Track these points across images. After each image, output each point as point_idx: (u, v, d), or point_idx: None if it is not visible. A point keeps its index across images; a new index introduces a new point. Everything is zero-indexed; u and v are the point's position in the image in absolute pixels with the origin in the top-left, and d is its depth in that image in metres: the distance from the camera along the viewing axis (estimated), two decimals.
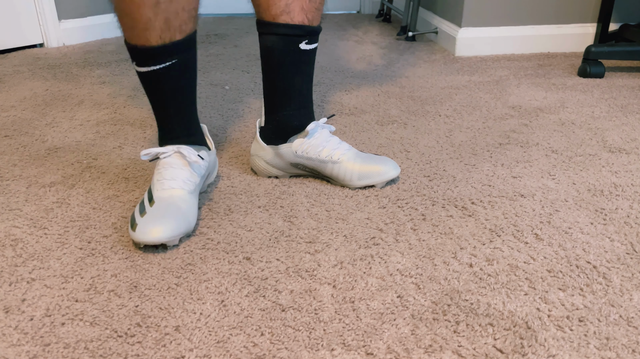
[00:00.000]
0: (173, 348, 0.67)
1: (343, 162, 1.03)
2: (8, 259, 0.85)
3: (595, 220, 0.94)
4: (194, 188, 0.94)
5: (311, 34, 1.00)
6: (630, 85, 1.66)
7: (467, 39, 2.00)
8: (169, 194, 0.90)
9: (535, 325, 0.70)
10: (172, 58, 0.90)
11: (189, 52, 0.92)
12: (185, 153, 0.93)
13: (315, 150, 1.04)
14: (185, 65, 0.93)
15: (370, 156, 1.05)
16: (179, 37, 0.89)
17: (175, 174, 0.92)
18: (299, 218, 0.95)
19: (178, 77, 0.93)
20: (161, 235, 0.83)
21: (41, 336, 0.69)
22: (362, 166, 1.03)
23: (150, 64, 0.90)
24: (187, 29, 0.90)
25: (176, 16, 0.86)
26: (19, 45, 2.13)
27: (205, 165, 0.98)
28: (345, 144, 1.06)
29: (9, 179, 1.11)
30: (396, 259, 0.84)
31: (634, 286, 0.77)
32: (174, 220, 0.85)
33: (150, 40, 0.87)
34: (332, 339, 0.68)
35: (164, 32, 0.86)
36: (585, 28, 2.04)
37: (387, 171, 1.03)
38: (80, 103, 1.53)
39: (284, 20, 0.97)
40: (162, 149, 0.94)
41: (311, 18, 0.99)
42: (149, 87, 0.94)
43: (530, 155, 1.19)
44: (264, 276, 0.80)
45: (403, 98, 1.56)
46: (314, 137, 1.04)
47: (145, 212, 0.87)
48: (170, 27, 0.87)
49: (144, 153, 0.94)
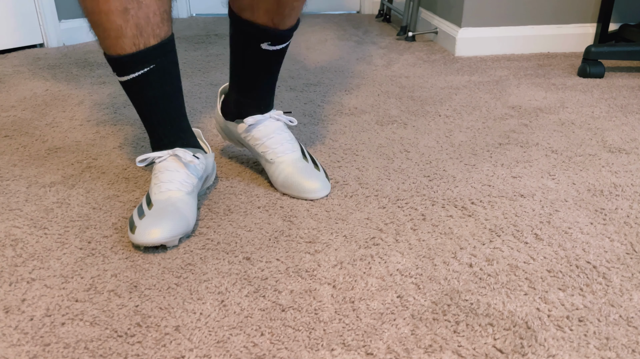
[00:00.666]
0: (173, 348, 0.67)
1: (275, 164, 1.02)
2: (8, 259, 0.85)
3: (595, 220, 0.94)
4: (192, 189, 0.94)
5: (275, 37, 0.96)
6: (630, 85, 1.66)
7: (467, 39, 2.00)
8: (166, 196, 0.90)
9: (535, 325, 0.70)
10: (149, 64, 0.88)
11: (167, 57, 0.91)
12: (181, 154, 0.93)
13: (254, 142, 1.04)
14: (164, 70, 0.91)
15: (307, 169, 1.02)
16: (153, 41, 0.87)
17: (172, 177, 0.92)
18: (299, 218, 0.95)
19: (159, 83, 0.91)
20: (160, 236, 0.83)
21: (41, 336, 0.69)
22: (289, 176, 1.00)
23: (128, 72, 0.88)
24: (162, 32, 0.88)
25: (147, 21, 0.85)
26: (19, 45, 2.13)
27: (202, 166, 0.98)
28: (291, 146, 1.04)
29: (9, 179, 1.11)
30: (396, 259, 0.84)
31: (634, 286, 0.77)
32: (173, 221, 0.85)
33: (124, 48, 0.86)
34: (332, 339, 0.68)
35: (137, 38, 0.85)
36: (585, 28, 2.04)
37: (310, 190, 0.99)
38: (80, 103, 1.53)
39: (246, 17, 0.94)
40: (157, 154, 0.94)
41: (277, 22, 0.94)
42: (133, 96, 0.93)
43: (530, 155, 1.19)
44: (264, 276, 0.80)
45: (403, 98, 1.56)
46: (256, 129, 1.04)
47: (144, 215, 0.87)
48: (142, 32, 0.85)
49: (139, 159, 0.94)
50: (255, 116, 1.03)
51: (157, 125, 0.96)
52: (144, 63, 0.88)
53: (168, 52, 0.91)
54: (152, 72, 0.89)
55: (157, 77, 0.90)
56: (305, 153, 1.06)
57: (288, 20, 0.95)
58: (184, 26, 2.61)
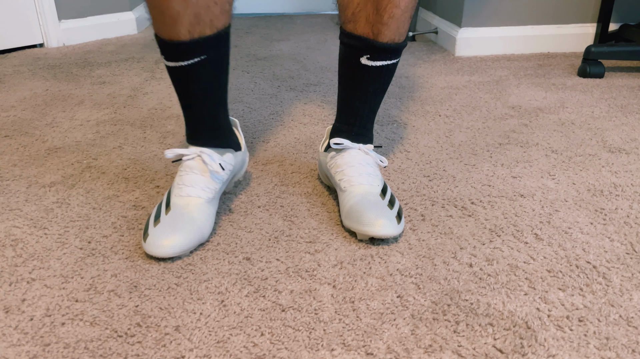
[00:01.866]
0: (173, 348, 0.67)
1: (346, 192, 0.93)
2: (8, 259, 0.85)
3: (595, 220, 0.94)
4: (213, 195, 0.91)
5: (374, 50, 0.90)
6: (630, 85, 1.66)
7: (467, 39, 2.00)
8: (185, 202, 0.88)
9: (535, 325, 0.70)
10: (201, 54, 0.85)
11: (221, 49, 0.87)
12: (207, 160, 0.90)
13: (335, 169, 0.97)
14: (216, 62, 0.88)
15: (377, 203, 0.89)
16: (209, 32, 0.83)
17: (195, 180, 0.90)
18: (299, 218, 0.95)
19: (207, 75, 0.88)
20: (170, 251, 0.82)
21: (41, 336, 0.69)
22: (354, 205, 0.90)
23: (178, 59, 0.85)
24: (219, 24, 0.84)
25: (207, 10, 0.81)
26: (19, 45, 2.13)
27: (228, 170, 0.95)
28: (371, 179, 0.94)
29: (9, 179, 1.11)
30: (396, 259, 0.84)
31: (634, 286, 0.77)
32: (186, 233, 0.84)
33: (179, 35, 0.82)
34: (332, 339, 0.68)
35: (194, 26, 0.82)
36: (585, 28, 2.04)
37: (369, 223, 0.85)
38: (80, 103, 1.53)
39: (349, 29, 0.91)
40: (185, 151, 0.92)
41: (376, 32, 0.89)
42: (177, 83, 0.90)
43: (530, 155, 1.19)
44: (264, 276, 0.80)
45: (403, 98, 1.56)
46: (340, 156, 0.97)
47: (159, 221, 0.85)
48: (200, 21, 0.82)
49: (168, 151, 0.91)
50: (342, 139, 0.97)
51: (195, 118, 0.92)
52: (196, 53, 0.84)
53: (223, 44, 0.87)
54: (202, 63, 0.86)
55: (207, 68, 0.87)
56: (386, 192, 0.94)
57: (387, 31, 0.89)
58: None
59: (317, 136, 1.30)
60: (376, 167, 0.98)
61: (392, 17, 0.88)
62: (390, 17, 0.88)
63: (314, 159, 1.18)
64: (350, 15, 0.90)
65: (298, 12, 2.96)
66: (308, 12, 2.99)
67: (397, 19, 0.88)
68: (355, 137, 0.99)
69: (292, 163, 1.16)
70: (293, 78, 1.75)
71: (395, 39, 0.90)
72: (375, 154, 0.98)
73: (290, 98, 1.57)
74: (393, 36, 0.90)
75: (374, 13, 0.88)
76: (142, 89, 1.65)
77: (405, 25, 0.91)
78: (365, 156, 0.97)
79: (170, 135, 1.31)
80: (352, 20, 0.90)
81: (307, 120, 1.40)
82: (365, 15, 0.88)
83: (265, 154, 1.21)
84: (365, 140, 1.00)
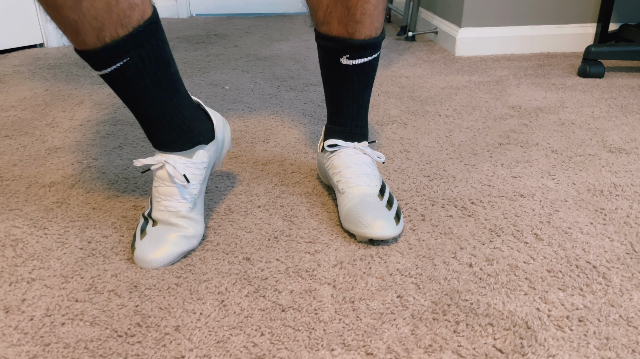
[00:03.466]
0: (173, 348, 0.67)
1: (344, 194, 0.93)
2: (8, 259, 0.85)
3: (595, 220, 0.94)
4: (193, 202, 0.88)
5: (352, 49, 0.89)
6: (630, 85, 1.66)
7: (467, 39, 2.00)
8: (166, 216, 0.86)
9: (535, 325, 0.70)
10: (121, 57, 0.76)
11: (144, 47, 0.77)
12: (171, 172, 0.85)
13: (332, 171, 0.96)
14: (145, 60, 0.78)
15: (375, 204, 0.89)
16: (122, 32, 0.74)
17: (169, 192, 0.86)
18: (299, 218, 0.95)
19: (139, 76, 0.79)
20: (156, 264, 0.82)
21: (41, 336, 0.69)
22: (352, 208, 0.89)
23: (100, 68, 0.78)
24: (132, 21, 0.75)
25: (109, 11, 0.72)
26: (19, 45, 2.13)
27: (201, 171, 0.90)
28: (368, 179, 0.93)
29: (9, 179, 1.11)
30: (396, 259, 0.84)
31: (634, 286, 0.77)
32: (173, 244, 0.83)
33: (87, 44, 0.74)
34: (332, 339, 0.68)
35: (99, 31, 0.73)
36: (585, 28, 2.04)
37: (367, 225, 0.85)
38: (80, 103, 1.53)
39: (323, 30, 0.90)
40: (150, 160, 0.86)
41: (351, 31, 0.87)
42: (114, 90, 0.82)
43: (530, 155, 1.19)
44: (264, 276, 0.80)
45: (403, 98, 1.56)
46: (336, 156, 0.96)
47: (145, 233, 0.85)
48: (104, 25, 0.73)
49: (135, 161, 0.86)
50: (336, 140, 0.96)
51: (147, 121, 0.84)
52: (114, 58, 0.76)
53: (145, 40, 0.77)
54: (127, 65, 0.77)
55: (136, 70, 0.78)
56: (384, 192, 0.93)
57: (362, 28, 0.87)
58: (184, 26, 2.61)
59: (317, 136, 1.30)
60: (373, 165, 0.97)
61: (364, 13, 0.85)
62: (362, 14, 0.85)
63: (314, 159, 1.18)
64: (322, 17, 0.88)
65: (298, 12, 2.96)
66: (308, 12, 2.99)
67: (369, 14, 0.86)
68: (349, 136, 0.98)
69: (292, 163, 1.16)
70: (293, 78, 1.75)
71: (372, 34, 0.89)
72: (372, 151, 0.98)
73: (290, 98, 1.57)
74: (369, 32, 0.88)
75: (346, 13, 0.85)
76: None
77: (380, 19, 0.89)
78: (361, 155, 0.96)
79: None
80: (324, 22, 0.88)
81: (307, 120, 1.40)
82: (337, 16, 0.86)
83: (265, 154, 1.21)
84: (359, 137, 0.99)
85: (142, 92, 0.81)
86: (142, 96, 0.81)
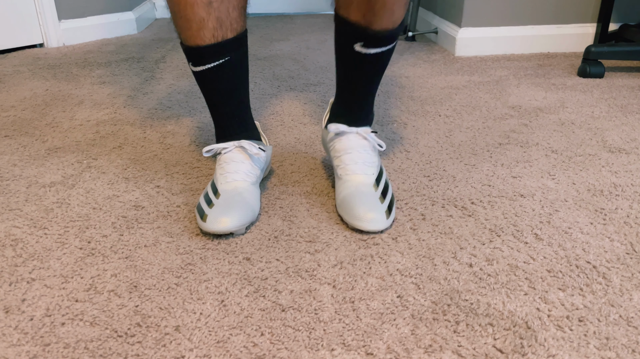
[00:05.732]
0: (173, 348, 0.67)
1: (341, 180, 0.96)
2: (8, 259, 0.85)
3: (595, 220, 0.94)
4: (256, 179, 0.98)
5: (367, 38, 0.89)
6: (630, 85, 1.66)
7: (467, 39, 2.00)
8: (233, 186, 0.94)
9: (535, 325, 0.70)
10: (224, 56, 0.92)
11: (240, 50, 0.95)
12: (247, 147, 0.97)
13: (334, 154, 1.00)
14: (237, 62, 0.95)
15: (369, 195, 0.92)
16: (230, 35, 0.91)
17: (238, 167, 0.96)
18: (299, 218, 0.95)
19: (231, 75, 0.95)
20: (230, 225, 0.87)
21: (41, 336, 0.69)
22: (346, 197, 0.93)
23: (205, 63, 0.92)
24: (238, 27, 0.92)
25: (228, 15, 0.89)
26: (19, 45, 2.13)
27: (264, 158, 1.01)
28: (366, 168, 0.96)
29: (9, 179, 1.11)
30: (396, 259, 0.84)
31: (634, 286, 0.77)
32: (241, 210, 0.89)
33: (204, 39, 0.90)
34: (332, 339, 0.68)
35: (217, 30, 0.89)
36: (585, 28, 2.04)
37: (359, 217, 0.89)
38: (80, 103, 1.53)
39: (342, 13, 0.90)
40: (223, 145, 0.98)
41: (369, 20, 0.87)
42: (205, 86, 0.97)
43: (530, 155, 1.19)
44: (264, 276, 0.80)
45: (403, 98, 1.56)
46: (338, 140, 0.99)
47: (213, 204, 0.90)
48: (222, 25, 0.89)
49: (206, 149, 0.97)
50: (339, 125, 0.99)
51: (224, 116, 0.99)
52: (221, 55, 0.92)
53: (242, 45, 0.95)
54: (227, 64, 0.93)
55: (230, 69, 0.94)
56: (380, 182, 0.96)
57: (380, 19, 0.87)
58: None
59: (317, 136, 1.30)
60: (374, 152, 0.99)
61: (384, 6, 0.85)
62: (382, 6, 0.85)
63: (314, 159, 1.18)
64: (342, 0, 0.90)
65: (298, 12, 2.96)
66: (308, 12, 2.99)
67: (389, 7, 0.86)
68: (354, 121, 1.01)
69: (292, 163, 1.16)
70: (293, 78, 1.75)
71: (389, 26, 0.89)
72: (373, 138, 1.00)
73: (290, 98, 1.57)
74: (387, 24, 0.88)
75: (366, 2, 0.85)
76: (142, 89, 1.65)
77: (401, 11, 0.88)
78: (362, 141, 0.99)
79: (170, 135, 1.31)
80: (344, 6, 0.90)
81: (307, 120, 1.40)
82: (357, 3, 0.87)
83: None
84: (363, 122, 1.01)
85: (230, 88, 0.97)
86: (229, 91, 0.97)
